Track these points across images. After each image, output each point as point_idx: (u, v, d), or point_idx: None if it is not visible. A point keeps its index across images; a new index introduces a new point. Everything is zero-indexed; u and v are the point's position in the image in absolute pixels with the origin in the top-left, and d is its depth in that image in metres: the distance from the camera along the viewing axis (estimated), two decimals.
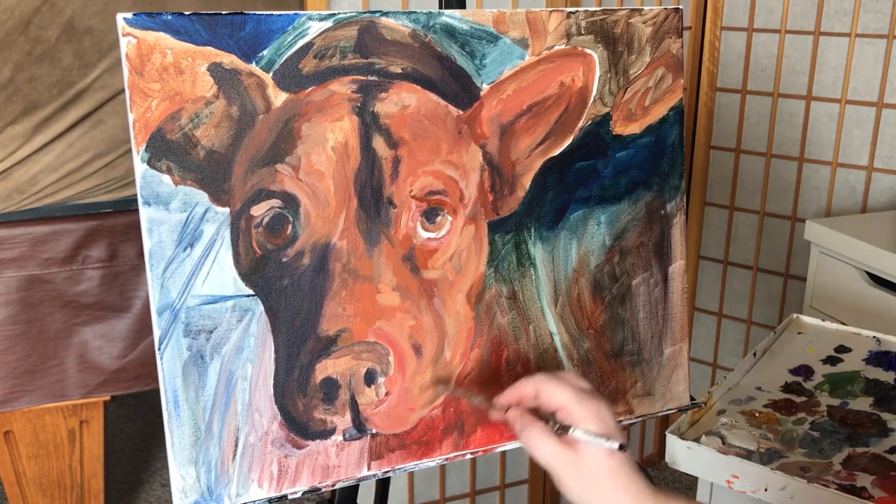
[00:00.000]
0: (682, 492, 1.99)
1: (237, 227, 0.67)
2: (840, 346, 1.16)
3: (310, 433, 0.70)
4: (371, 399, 0.72)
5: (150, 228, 0.64)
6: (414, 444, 0.74)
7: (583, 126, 0.79)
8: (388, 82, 0.70)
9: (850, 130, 1.79)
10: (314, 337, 0.70)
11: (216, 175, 0.66)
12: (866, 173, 1.78)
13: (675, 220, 0.86)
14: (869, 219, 1.70)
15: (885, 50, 1.71)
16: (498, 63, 0.75)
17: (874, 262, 1.50)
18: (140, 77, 0.63)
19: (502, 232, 0.77)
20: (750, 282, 2.00)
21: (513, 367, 0.78)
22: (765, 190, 1.92)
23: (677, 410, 0.88)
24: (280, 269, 0.68)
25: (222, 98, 0.65)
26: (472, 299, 0.76)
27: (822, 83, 1.80)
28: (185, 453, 0.67)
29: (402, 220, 0.72)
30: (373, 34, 0.70)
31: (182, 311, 0.66)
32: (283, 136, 0.67)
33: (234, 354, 0.68)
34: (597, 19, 0.78)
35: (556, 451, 0.64)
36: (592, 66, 0.79)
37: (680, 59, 0.83)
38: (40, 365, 1.42)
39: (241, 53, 0.66)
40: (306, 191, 0.68)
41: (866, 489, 0.84)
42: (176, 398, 0.66)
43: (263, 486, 0.69)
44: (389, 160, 0.71)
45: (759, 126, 1.90)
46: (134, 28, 0.62)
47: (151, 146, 0.64)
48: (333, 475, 0.72)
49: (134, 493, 2.09)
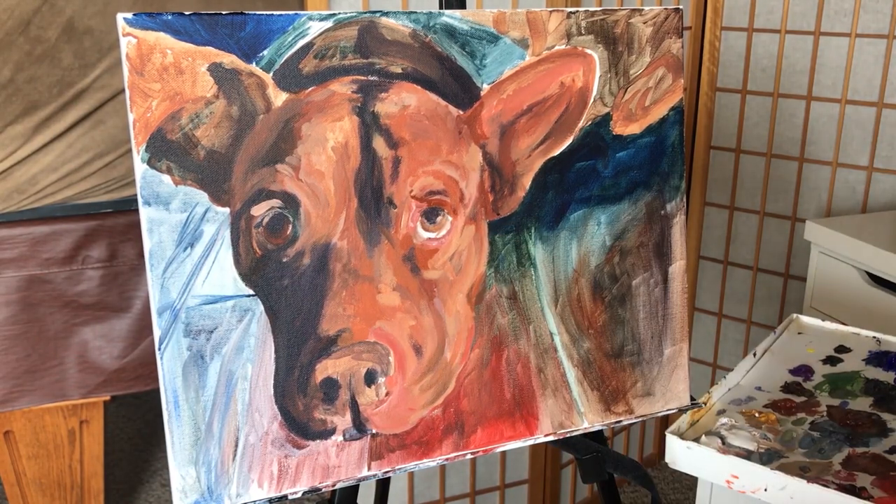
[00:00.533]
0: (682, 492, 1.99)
1: (237, 227, 0.67)
2: (840, 346, 1.16)
3: (310, 433, 0.70)
4: (371, 399, 0.72)
5: (151, 228, 0.64)
6: (414, 444, 0.74)
7: (583, 126, 0.79)
8: (389, 82, 0.70)
9: (850, 130, 1.79)
10: (314, 337, 0.70)
11: (216, 175, 0.66)
12: (866, 173, 1.78)
13: (675, 220, 0.86)
14: (869, 219, 1.70)
15: (885, 50, 1.71)
16: (498, 63, 0.75)
17: (874, 262, 1.50)
18: (140, 77, 0.63)
19: (502, 232, 0.77)
20: (750, 282, 2.00)
21: (513, 367, 0.78)
22: (765, 190, 1.92)
23: (677, 410, 0.88)
24: (280, 269, 0.68)
25: (222, 98, 0.65)
26: (473, 299, 0.76)
27: (822, 83, 1.80)
28: (186, 453, 0.67)
29: (403, 220, 0.72)
30: (373, 34, 0.70)
31: (182, 311, 0.66)
32: (284, 136, 0.67)
33: (235, 354, 0.68)
34: (597, 19, 0.78)
35: None
36: (592, 66, 0.79)
37: (680, 60, 0.83)
38: (40, 365, 1.42)
39: (242, 53, 0.66)
40: (306, 191, 0.68)
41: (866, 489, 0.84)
42: (176, 398, 0.66)
43: (263, 486, 0.69)
44: (389, 160, 0.71)
45: (759, 126, 1.90)
46: (134, 28, 0.62)
47: (152, 146, 0.64)
48: (333, 475, 0.72)
49: (134, 493, 2.09)
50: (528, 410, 0.79)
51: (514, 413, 0.78)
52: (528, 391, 0.79)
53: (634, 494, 2.01)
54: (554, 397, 0.80)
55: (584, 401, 0.81)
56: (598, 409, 0.82)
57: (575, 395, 0.81)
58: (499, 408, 0.77)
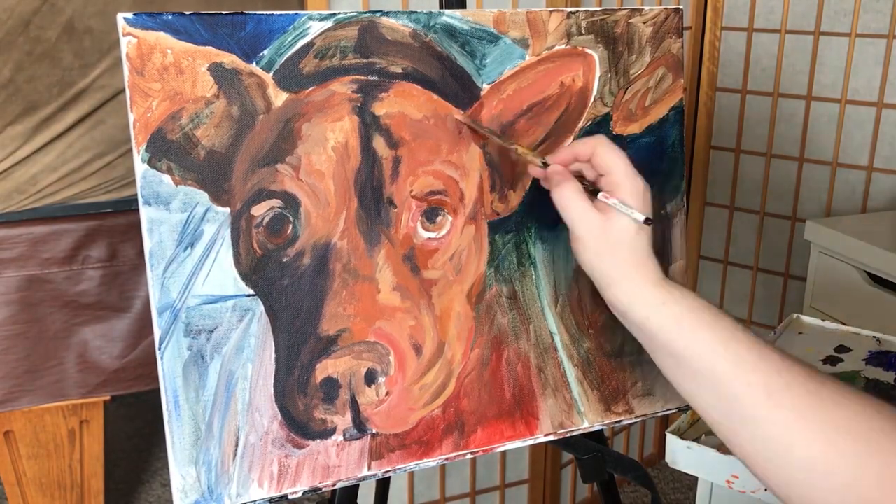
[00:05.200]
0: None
1: (238, 226, 0.67)
2: (840, 346, 1.15)
3: (310, 433, 0.70)
4: (371, 399, 0.72)
5: (151, 228, 0.64)
6: (414, 444, 0.74)
7: (583, 126, 0.79)
8: (389, 82, 0.70)
9: (850, 130, 1.79)
10: (314, 337, 0.70)
11: (217, 175, 0.66)
12: (866, 173, 1.78)
13: (675, 220, 0.86)
14: (869, 219, 1.70)
15: (885, 50, 1.71)
16: (498, 63, 0.75)
17: (874, 262, 1.50)
18: (140, 77, 0.63)
19: (503, 232, 0.77)
20: (750, 282, 2.00)
21: (513, 367, 0.78)
22: (765, 190, 1.92)
23: (677, 410, 0.88)
24: (280, 269, 0.68)
25: (223, 98, 0.65)
26: (473, 299, 0.76)
27: (822, 83, 1.80)
28: (186, 453, 0.67)
29: (403, 220, 0.72)
30: (373, 34, 0.70)
31: (182, 311, 0.66)
32: (284, 135, 0.67)
33: (235, 354, 0.68)
34: (597, 19, 0.78)
35: (586, 210, 0.65)
36: (593, 66, 0.79)
37: (680, 59, 0.83)
38: (40, 365, 1.42)
39: (242, 53, 0.66)
40: (307, 191, 0.68)
41: None
42: (176, 398, 0.66)
43: (264, 485, 0.69)
44: (390, 160, 0.71)
45: (759, 126, 1.90)
46: (134, 28, 0.62)
47: (152, 146, 0.64)
48: (334, 475, 0.72)
49: (134, 493, 2.09)
50: (529, 410, 0.79)
51: (514, 413, 0.78)
52: (529, 391, 0.79)
53: (634, 494, 2.01)
54: (554, 397, 0.80)
55: (584, 401, 0.81)
56: (599, 409, 0.82)
57: (575, 394, 0.81)
58: (499, 408, 0.77)
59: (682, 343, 0.62)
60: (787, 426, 0.56)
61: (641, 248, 0.65)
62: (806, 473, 0.55)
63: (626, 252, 0.65)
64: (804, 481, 0.55)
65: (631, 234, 0.65)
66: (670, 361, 0.63)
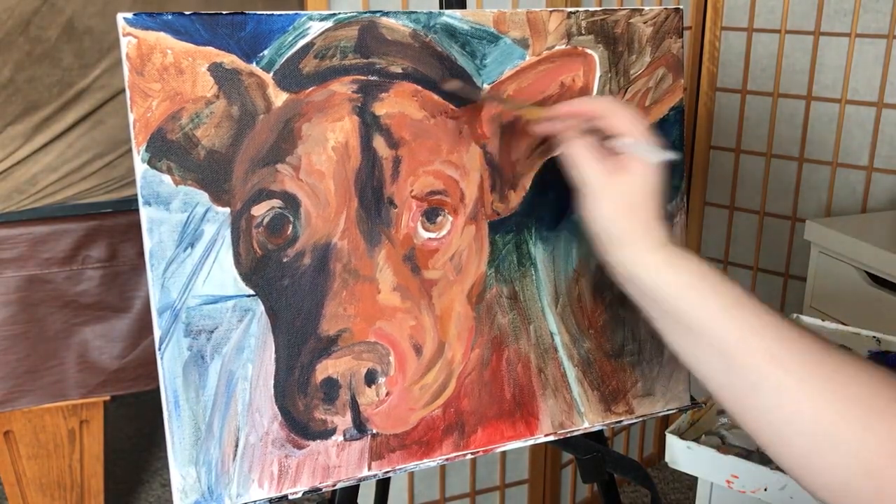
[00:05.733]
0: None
1: (238, 227, 0.67)
2: (840, 346, 1.15)
3: (310, 433, 0.70)
4: (371, 399, 0.72)
5: (151, 228, 0.64)
6: (414, 444, 0.74)
7: None
8: (389, 82, 0.70)
9: (850, 130, 1.79)
10: (315, 337, 0.70)
11: (217, 175, 0.66)
12: (866, 173, 1.78)
13: (675, 220, 0.85)
14: (869, 219, 1.70)
15: (885, 50, 1.71)
16: (498, 63, 0.75)
17: (874, 262, 1.50)
18: (140, 77, 0.63)
19: (503, 232, 0.77)
20: (750, 282, 2.00)
21: (513, 367, 0.78)
22: (765, 190, 1.92)
23: (677, 410, 0.88)
24: (281, 269, 0.68)
25: (223, 98, 0.65)
26: (473, 299, 0.76)
27: (822, 83, 1.80)
28: (186, 453, 0.67)
29: (403, 220, 0.72)
30: (373, 34, 0.70)
31: (182, 311, 0.66)
32: (284, 136, 0.67)
33: (235, 354, 0.68)
34: (597, 19, 0.78)
35: (598, 165, 0.64)
36: (593, 66, 0.79)
37: (680, 60, 0.83)
38: (40, 365, 1.42)
39: (242, 53, 0.65)
40: (307, 191, 0.68)
41: None
42: (176, 398, 0.66)
43: (264, 486, 0.69)
44: (390, 160, 0.71)
45: (759, 126, 1.90)
46: (134, 28, 0.62)
47: (152, 146, 0.64)
48: (334, 475, 0.72)
49: (134, 493, 2.09)
50: (529, 410, 0.79)
51: (514, 413, 0.78)
52: (529, 391, 0.79)
53: (634, 494, 2.01)
54: (554, 397, 0.80)
55: (584, 401, 0.81)
56: (599, 409, 0.82)
57: (575, 395, 0.81)
58: (499, 408, 0.77)
59: (689, 308, 0.60)
60: (792, 393, 0.55)
61: (653, 205, 0.64)
62: (812, 440, 0.54)
63: (638, 209, 0.63)
64: (810, 448, 0.54)
65: (644, 187, 0.63)
66: (676, 327, 0.62)
